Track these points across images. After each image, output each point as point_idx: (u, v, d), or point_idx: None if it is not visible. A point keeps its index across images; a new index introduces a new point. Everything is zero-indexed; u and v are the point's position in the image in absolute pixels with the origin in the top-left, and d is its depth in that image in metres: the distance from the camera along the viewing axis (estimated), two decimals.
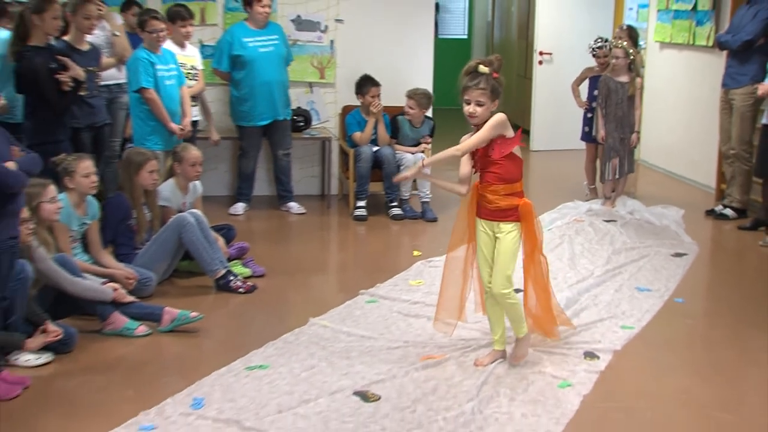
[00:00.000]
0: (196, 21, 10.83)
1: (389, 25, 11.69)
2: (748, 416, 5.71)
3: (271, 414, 5.58)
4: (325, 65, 11.77)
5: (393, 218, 10.62)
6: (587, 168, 11.50)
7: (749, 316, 7.50)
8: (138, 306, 7.26)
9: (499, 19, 19.34)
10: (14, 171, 5.89)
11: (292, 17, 11.55)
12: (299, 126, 11.41)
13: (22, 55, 8.12)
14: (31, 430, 5.57)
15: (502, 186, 6.02)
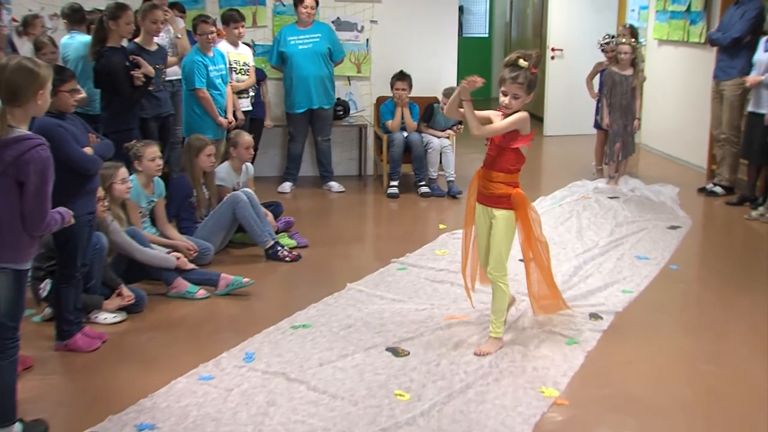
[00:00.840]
0: (248, 23, 10.94)
1: (418, 26, 11.68)
2: (732, 368, 5.72)
3: (313, 367, 5.64)
4: (361, 61, 11.78)
5: (422, 195, 10.63)
6: (597, 151, 11.48)
7: (735, 281, 7.51)
8: (198, 272, 7.34)
9: (516, 20, 19.26)
10: (91, 155, 5.94)
11: (333, 19, 11.55)
12: (339, 114, 11.48)
13: (101, 54, 8.21)
14: (108, 378, 5.64)
15: (502, 175, 5.82)
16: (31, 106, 4.57)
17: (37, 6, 10.87)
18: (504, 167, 5.82)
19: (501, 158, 5.81)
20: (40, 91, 4.55)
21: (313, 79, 10.82)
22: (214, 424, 4.93)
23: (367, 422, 4.92)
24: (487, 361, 5.72)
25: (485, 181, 5.88)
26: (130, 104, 8.29)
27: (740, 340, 6.28)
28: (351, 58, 11.68)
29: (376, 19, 11.74)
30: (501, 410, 5.05)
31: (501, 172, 5.81)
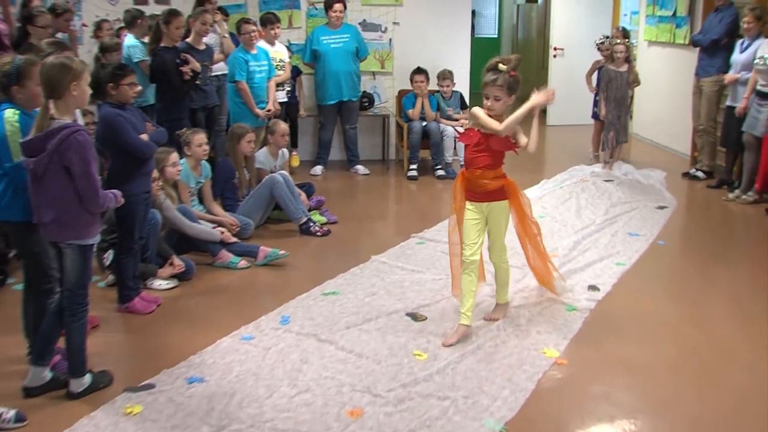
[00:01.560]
0: (284, 24, 11.06)
1: (435, 27, 11.66)
2: (710, 331, 5.76)
3: (341, 329, 5.70)
4: (385, 58, 11.78)
5: (438, 178, 10.64)
6: (593, 139, 11.45)
7: (713, 254, 7.52)
8: (239, 245, 7.40)
9: (522, 22, 19.20)
10: (147, 141, 6.01)
11: (360, 21, 11.57)
12: (365, 105, 11.50)
13: (156, 53, 8.36)
14: (162, 337, 5.73)
15: (491, 172, 5.49)
16: (69, 98, 4.59)
17: (102, 12, 11.10)
18: (490, 165, 5.51)
19: (487, 158, 5.48)
20: (73, 83, 4.56)
21: (342, 74, 10.88)
22: (254, 378, 4.99)
23: (389, 378, 4.98)
24: (495, 325, 5.77)
25: (477, 181, 5.54)
26: (180, 96, 8.38)
27: (718, 307, 6.31)
28: (375, 55, 11.69)
29: (398, 21, 11.74)
30: (508, 369, 5.10)
31: (489, 170, 5.50)
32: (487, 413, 4.56)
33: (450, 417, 4.52)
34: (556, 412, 4.64)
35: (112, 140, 5.95)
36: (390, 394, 4.77)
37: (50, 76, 4.56)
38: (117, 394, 4.82)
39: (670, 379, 5.04)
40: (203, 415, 4.56)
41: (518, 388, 4.87)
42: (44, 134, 4.49)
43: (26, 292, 5.10)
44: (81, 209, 4.62)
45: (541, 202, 9.18)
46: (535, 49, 17.44)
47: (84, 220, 4.66)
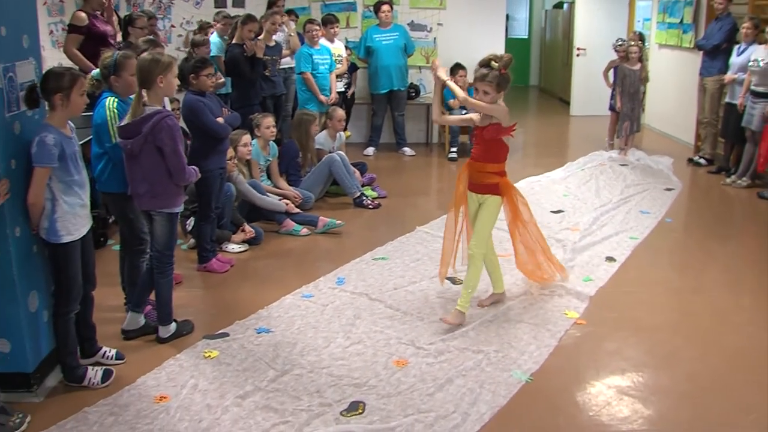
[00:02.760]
0: (342, 24, 11.10)
1: (474, 28, 11.59)
2: (708, 297, 5.76)
3: (389, 290, 5.75)
4: (429, 54, 11.74)
5: None
6: (610, 129, 11.37)
7: (713, 231, 7.47)
8: (302, 215, 7.45)
9: (549, 25, 19.02)
10: (222, 124, 6.08)
11: (408, 21, 11.58)
12: (411, 95, 11.49)
13: (228, 49, 8.48)
14: (235, 293, 5.82)
15: (490, 165, 5.15)
16: (158, 88, 4.66)
17: (188, 15, 11.32)
18: (494, 157, 5.17)
19: (490, 150, 5.15)
20: (161, 76, 4.63)
21: (392, 67, 10.92)
22: (313, 330, 5.06)
23: (430, 333, 5.03)
24: (524, 290, 5.78)
25: (477, 173, 5.21)
26: (251, 85, 8.43)
27: (715, 277, 6.28)
28: (421, 51, 11.67)
29: (441, 22, 11.72)
30: (534, 327, 5.13)
31: (492, 162, 5.16)
32: (516, 365, 4.59)
33: (483, 368, 4.55)
34: (575, 365, 4.67)
35: (193, 122, 6.05)
36: (431, 347, 4.81)
37: (143, 69, 4.66)
38: (197, 341, 4.91)
39: (673, 339, 5.05)
40: (270, 360, 4.64)
41: (543, 344, 4.89)
42: (139, 119, 4.58)
43: (122, 252, 5.22)
44: (170, 182, 4.73)
45: (565, 183, 9.14)
46: (560, 48, 17.29)
47: (172, 191, 4.77)
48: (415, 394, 4.25)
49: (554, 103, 16.91)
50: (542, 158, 10.82)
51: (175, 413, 4.07)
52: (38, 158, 4.04)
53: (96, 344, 4.68)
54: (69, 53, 7.86)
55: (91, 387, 4.39)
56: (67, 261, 4.27)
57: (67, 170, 4.17)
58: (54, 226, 4.16)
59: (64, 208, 4.17)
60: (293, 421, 3.98)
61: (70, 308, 4.36)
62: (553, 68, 18.37)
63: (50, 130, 4.10)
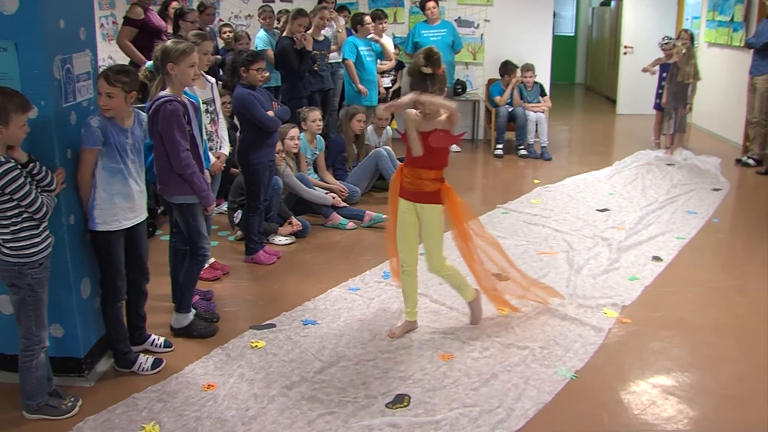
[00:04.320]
0: (390, 20, 11.11)
1: (521, 25, 11.57)
2: (752, 298, 5.70)
3: (435, 285, 5.70)
4: (476, 51, 11.75)
5: (521, 157, 10.56)
6: (655, 127, 11.28)
7: (760, 232, 7.35)
8: (348, 209, 7.51)
9: (596, 23, 18.89)
10: (272, 117, 6.12)
11: (455, 18, 11.57)
12: (458, 91, 11.48)
13: (279, 42, 8.56)
14: (282, 284, 5.87)
15: (433, 172, 4.65)
16: (171, 75, 4.66)
17: (236, 9, 11.44)
18: (435, 164, 4.66)
19: (432, 157, 4.63)
20: (170, 64, 4.63)
21: None
22: (359, 323, 5.09)
23: (473, 328, 5.04)
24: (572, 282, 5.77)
25: (414, 179, 4.68)
26: (299, 78, 8.48)
27: (762, 278, 6.17)
28: (468, 48, 11.67)
29: (489, 19, 11.70)
30: (578, 324, 5.11)
31: (432, 169, 4.65)
32: (560, 362, 4.59)
33: (528, 364, 4.55)
34: (620, 364, 4.64)
35: (243, 115, 6.11)
36: (476, 342, 4.82)
37: (156, 56, 4.74)
38: (244, 331, 4.96)
39: (719, 339, 5.01)
40: (316, 351, 4.68)
41: (588, 342, 4.88)
42: (148, 105, 4.65)
43: (171, 242, 5.27)
44: (172, 170, 4.67)
45: (611, 181, 9.09)
46: (607, 46, 17.17)
47: (174, 179, 4.70)
48: (460, 389, 4.26)
49: (600, 101, 16.80)
50: (588, 156, 10.75)
51: (222, 401, 4.13)
52: (83, 139, 4.12)
53: (145, 333, 4.75)
54: (122, 45, 7.98)
55: (140, 373, 4.46)
56: (107, 251, 4.33)
57: (112, 157, 4.21)
58: (91, 213, 4.23)
59: (103, 196, 4.22)
60: (339, 412, 4.02)
61: (116, 298, 4.44)
62: (599, 66, 18.24)
63: (97, 113, 4.17)
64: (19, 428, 3.96)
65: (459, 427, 3.88)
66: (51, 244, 3.92)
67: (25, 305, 3.87)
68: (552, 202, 8.11)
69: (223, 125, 5.86)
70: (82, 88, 4.32)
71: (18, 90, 3.76)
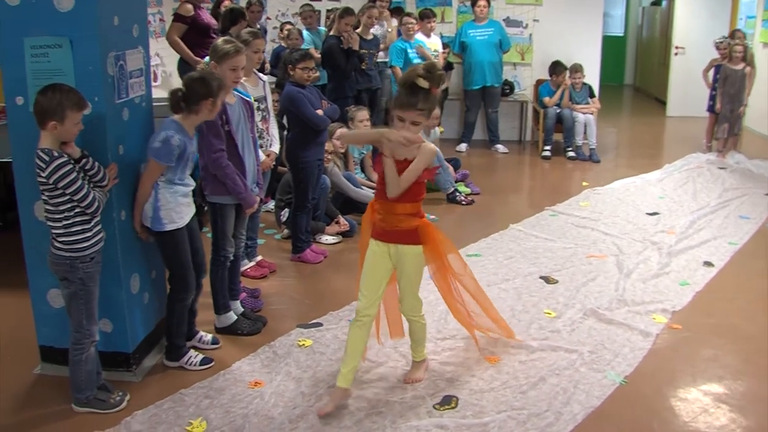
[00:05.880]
0: (438, 19, 11.08)
1: (570, 25, 11.45)
2: None
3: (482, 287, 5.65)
4: (525, 51, 11.68)
5: (569, 158, 10.45)
6: (708, 130, 11.14)
7: None
8: None
9: (646, 23, 18.71)
10: (321, 116, 6.13)
11: (504, 17, 11.51)
12: (506, 92, 11.41)
13: (325, 40, 8.60)
14: (328, 283, 5.89)
15: (408, 206, 4.04)
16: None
17: (284, 7, 11.51)
18: (409, 197, 4.04)
19: (407, 190, 4.00)
20: (212, 62, 4.78)
21: (486, 63, 10.86)
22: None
23: (520, 330, 4.99)
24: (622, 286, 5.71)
25: (387, 215, 4.05)
26: (345, 75, 8.50)
27: None
28: (516, 48, 11.60)
29: (537, 19, 11.62)
30: (626, 329, 5.04)
31: (407, 202, 4.04)
32: (609, 367, 4.53)
33: (577, 368, 4.50)
34: (670, 370, 4.57)
35: (292, 113, 6.13)
36: (523, 345, 4.78)
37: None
38: (291, 329, 4.98)
39: None
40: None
41: (636, 347, 4.81)
42: None
43: None
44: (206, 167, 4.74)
45: (661, 184, 8.97)
46: (657, 47, 16.98)
47: (212, 178, 4.73)
48: (508, 391, 4.23)
49: (650, 103, 16.62)
50: (637, 159, 10.63)
51: (269, 399, 4.14)
52: (158, 154, 4.14)
53: (194, 328, 4.78)
54: (171, 41, 8.06)
55: (188, 368, 4.49)
56: (175, 248, 4.36)
57: (180, 171, 4.28)
58: (157, 214, 4.25)
59: (167, 197, 4.25)
60: (386, 412, 4.01)
61: (186, 294, 4.48)
62: (649, 67, 18.04)
63: (179, 131, 4.21)
64: (69, 420, 4.01)
65: (507, 429, 3.85)
66: (102, 239, 3.96)
67: (77, 299, 3.91)
68: (601, 204, 8.03)
69: (274, 123, 5.90)
70: (134, 85, 4.36)
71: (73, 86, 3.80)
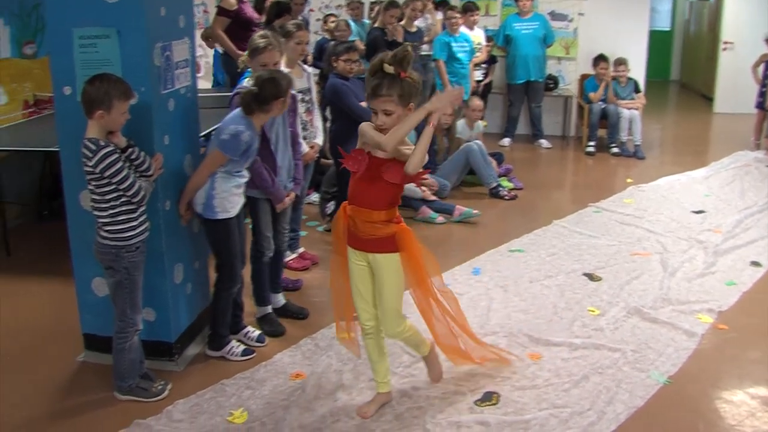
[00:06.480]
0: (482, 12, 11.04)
1: (616, 19, 11.31)
2: None
3: (524, 283, 5.69)
4: (569, 45, 11.58)
5: (613, 155, 10.30)
6: (756, 127, 10.96)
7: None
8: (438, 203, 7.45)
9: (694, 17, 18.43)
10: (366, 108, 6.07)
11: (549, 11, 11.43)
12: (550, 87, 11.35)
13: (370, 33, 8.66)
14: None
15: (380, 213, 3.70)
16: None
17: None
18: (385, 203, 3.73)
19: (383, 192, 3.71)
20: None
21: (531, 57, 10.80)
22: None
23: (563, 328, 4.97)
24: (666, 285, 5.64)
25: (362, 222, 3.73)
26: None
27: None
28: (561, 42, 11.52)
29: (583, 12, 11.51)
30: (670, 328, 4.98)
31: (382, 209, 3.71)
32: (653, 366, 4.48)
33: (620, 367, 4.46)
34: (716, 371, 4.51)
35: (336, 104, 6.15)
36: (566, 343, 4.74)
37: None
38: (332, 322, 4.95)
39: None
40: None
41: (681, 346, 4.75)
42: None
43: None
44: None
45: (707, 182, 8.83)
46: (705, 42, 16.74)
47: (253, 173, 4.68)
48: (549, 389, 4.20)
49: (696, 99, 16.38)
50: (682, 156, 10.48)
51: (310, 391, 4.15)
52: (225, 146, 4.17)
53: (241, 322, 4.80)
54: (215, 34, 8.10)
55: (229, 357, 4.52)
56: (225, 237, 4.39)
57: (240, 164, 4.31)
58: (211, 202, 4.27)
59: (223, 186, 4.27)
60: (426, 406, 4.00)
61: (233, 284, 4.51)
62: (696, 62, 17.78)
63: (250, 128, 4.23)
64: (111, 408, 4.05)
65: (549, 428, 3.82)
66: (148, 229, 3.98)
67: (121, 288, 3.94)
68: (645, 202, 7.93)
69: (318, 115, 5.90)
70: (180, 76, 4.39)
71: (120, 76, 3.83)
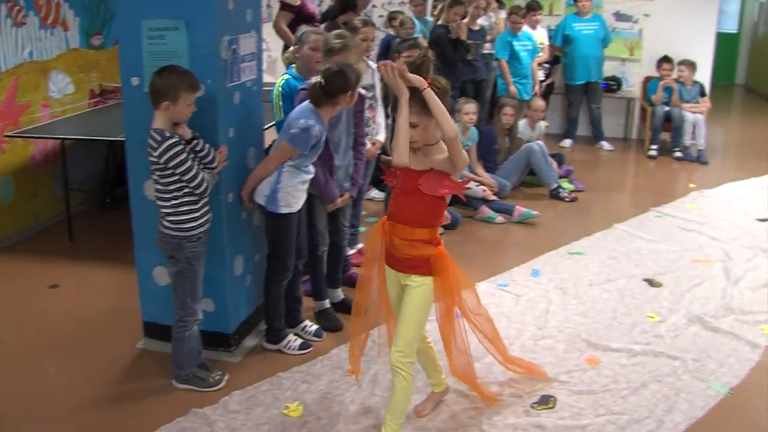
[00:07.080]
0: (545, 11, 10.93)
1: (683, 21, 11.12)
2: None
3: (584, 286, 5.64)
4: (634, 46, 11.44)
5: (675, 159, 10.12)
6: None
7: None
8: (498, 203, 7.43)
9: (763, 19, 18.12)
10: None
11: (614, 11, 11.32)
12: (613, 88, 11.22)
13: (434, 30, 8.60)
14: None
15: (419, 230, 3.46)
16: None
17: None
18: (427, 219, 3.50)
19: (424, 208, 3.48)
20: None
21: (591, 58, 10.69)
22: (506, 320, 5.03)
23: (622, 334, 4.91)
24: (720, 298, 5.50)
25: (400, 240, 3.50)
26: (451, 67, 8.45)
27: None
28: (626, 43, 11.38)
29: (649, 13, 11.36)
30: (732, 338, 4.89)
31: (423, 226, 3.49)
32: (714, 377, 4.40)
33: (679, 375, 4.39)
34: None
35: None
36: (624, 348, 4.69)
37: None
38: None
39: None
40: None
41: (743, 357, 4.66)
42: None
43: None
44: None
45: None
46: None
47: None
48: (607, 395, 4.16)
49: (762, 104, 16.06)
50: (747, 161, 10.27)
51: (366, 387, 4.17)
52: (294, 140, 4.18)
53: (299, 316, 4.82)
54: (278, 29, 8.12)
55: (286, 351, 4.55)
56: (283, 232, 4.41)
57: (308, 159, 4.32)
58: (275, 196, 4.29)
59: (289, 182, 4.29)
60: (483, 408, 3.99)
61: (283, 276, 4.52)
62: (763, 66, 17.46)
63: (319, 122, 4.24)
64: (169, 396, 4.12)
65: None
66: (210, 220, 4.02)
67: (182, 277, 3.99)
68: (708, 208, 7.79)
69: (381, 112, 5.90)
70: (246, 69, 4.42)
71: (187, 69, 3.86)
